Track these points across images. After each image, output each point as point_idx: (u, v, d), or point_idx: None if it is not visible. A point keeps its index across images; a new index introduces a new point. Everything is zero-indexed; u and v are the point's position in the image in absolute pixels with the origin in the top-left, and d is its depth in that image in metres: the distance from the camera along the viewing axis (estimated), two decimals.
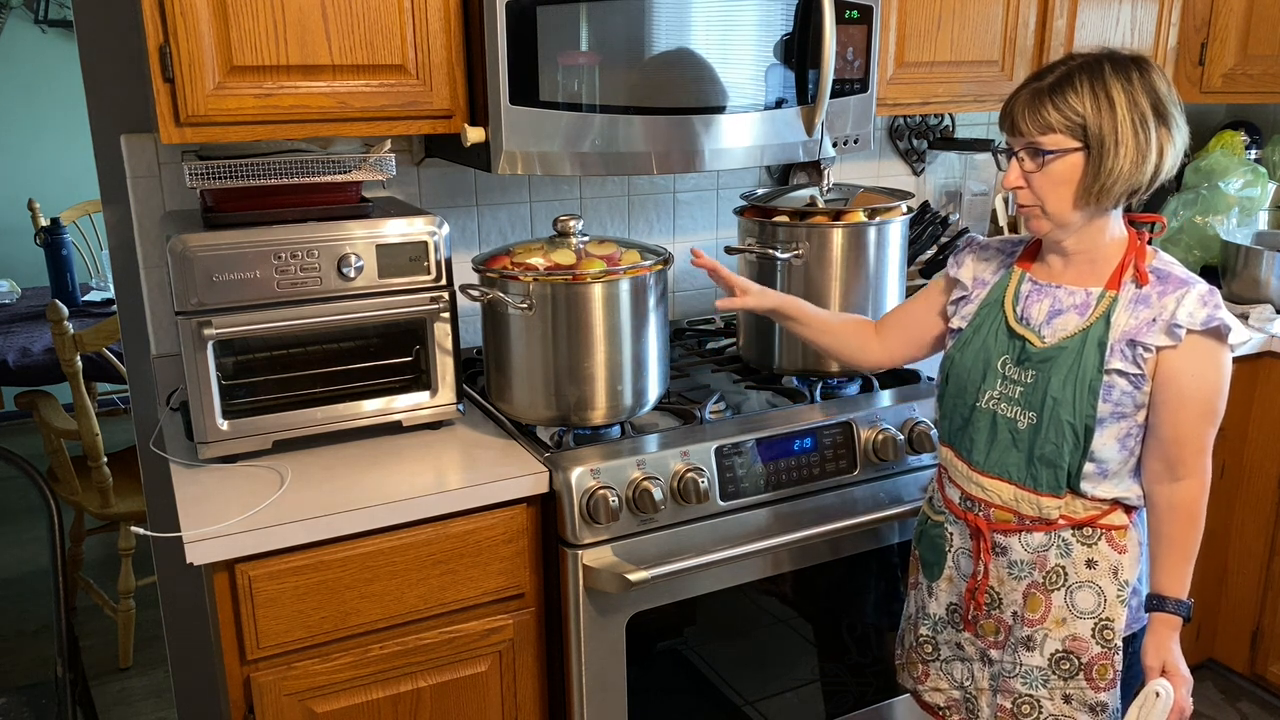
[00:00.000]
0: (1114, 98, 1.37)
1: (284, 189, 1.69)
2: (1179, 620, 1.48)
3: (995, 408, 1.53)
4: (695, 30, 1.75)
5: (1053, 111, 1.39)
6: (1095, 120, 1.37)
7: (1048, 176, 1.42)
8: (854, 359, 1.76)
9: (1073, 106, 1.38)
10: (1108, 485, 1.48)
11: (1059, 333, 1.48)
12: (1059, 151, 1.40)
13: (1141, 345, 1.42)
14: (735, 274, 1.77)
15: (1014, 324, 1.53)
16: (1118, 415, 1.45)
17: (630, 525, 1.68)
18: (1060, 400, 1.45)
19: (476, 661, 1.69)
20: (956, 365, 1.58)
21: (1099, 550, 1.50)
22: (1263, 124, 3.02)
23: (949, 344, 1.62)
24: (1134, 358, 1.43)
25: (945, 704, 1.69)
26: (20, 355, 3.26)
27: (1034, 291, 1.53)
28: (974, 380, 1.55)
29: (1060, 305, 1.50)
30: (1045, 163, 1.41)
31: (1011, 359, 1.51)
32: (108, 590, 3.09)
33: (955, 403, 1.58)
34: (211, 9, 1.52)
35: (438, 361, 1.77)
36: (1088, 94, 1.38)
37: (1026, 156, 1.43)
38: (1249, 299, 2.55)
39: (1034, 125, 1.41)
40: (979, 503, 1.56)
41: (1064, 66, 1.42)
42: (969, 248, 1.67)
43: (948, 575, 1.64)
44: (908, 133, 2.68)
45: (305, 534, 1.51)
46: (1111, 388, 1.44)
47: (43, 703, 1.94)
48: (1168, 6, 2.49)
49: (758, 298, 1.75)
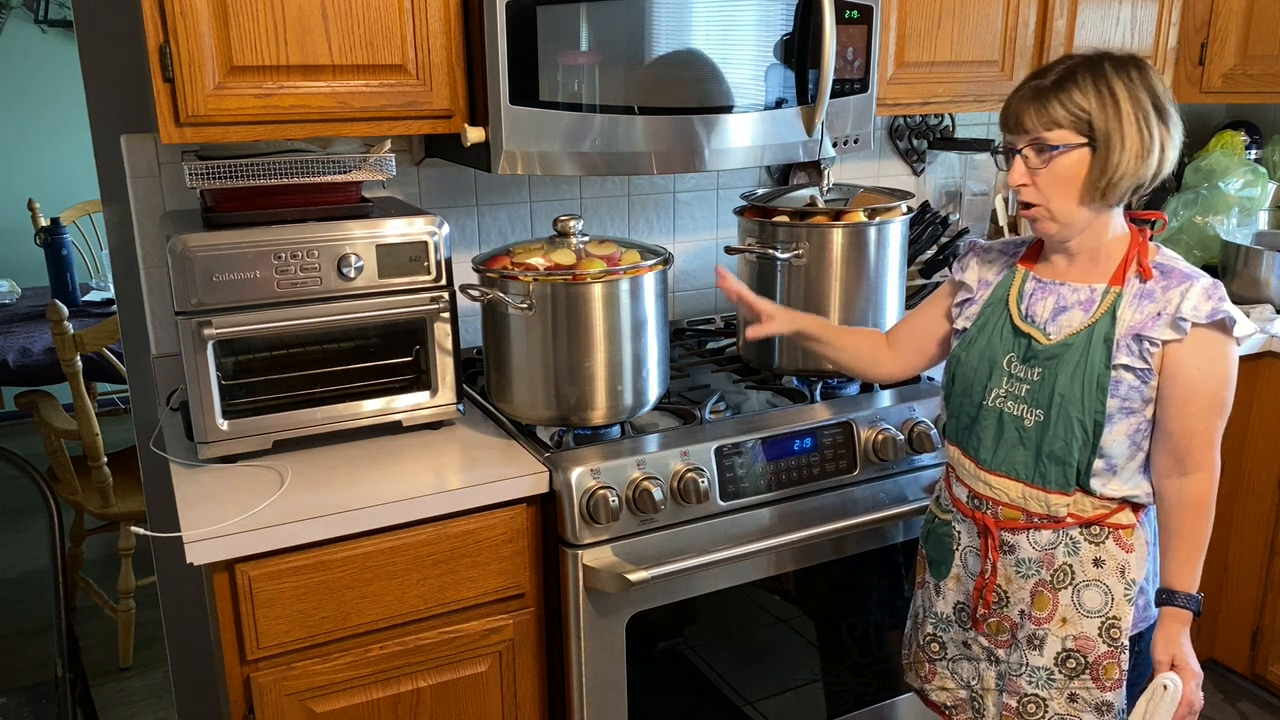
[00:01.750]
0: (1118, 94, 1.39)
1: (284, 189, 1.69)
2: (1189, 615, 1.48)
3: (1002, 406, 1.53)
4: (695, 30, 1.75)
5: (1058, 107, 1.40)
6: (1101, 116, 1.39)
7: (1053, 173, 1.42)
8: (870, 372, 1.77)
9: (1077, 103, 1.39)
10: (1117, 483, 1.49)
11: (1064, 329, 1.48)
12: (1065, 147, 1.41)
13: (1148, 339, 1.43)
14: (759, 298, 1.76)
15: (1019, 322, 1.53)
16: (1126, 410, 1.45)
17: (630, 525, 1.68)
18: (1068, 397, 1.46)
19: (476, 661, 1.69)
20: (963, 364, 1.58)
21: (1106, 549, 1.50)
22: (1263, 124, 3.02)
23: (954, 344, 1.63)
24: (1140, 352, 1.43)
25: (952, 703, 1.69)
26: (20, 355, 3.26)
27: (1038, 289, 1.54)
28: (980, 379, 1.56)
29: (1065, 302, 1.50)
30: (1051, 158, 1.42)
31: (1018, 356, 1.52)
32: (108, 590, 3.09)
33: (962, 401, 1.59)
34: (211, 9, 1.52)
35: (438, 361, 1.77)
36: (1091, 91, 1.39)
37: (1031, 153, 1.43)
38: (1249, 299, 2.55)
39: (1039, 121, 1.41)
40: (987, 501, 1.56)
41: (1064, 65, 1.43)
42: (972, 251, 1.67)
43: (955, 574, 1.64)
44: (908, 133, 2.68)
45: (305, 534, 1.51)
46: (1119, 383, 1.44)
47: (43, 703, 1.94)
48: (1168, 6, 2.49)
49: (784, 322, 1.75)
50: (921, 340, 1.73)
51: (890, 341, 1.76)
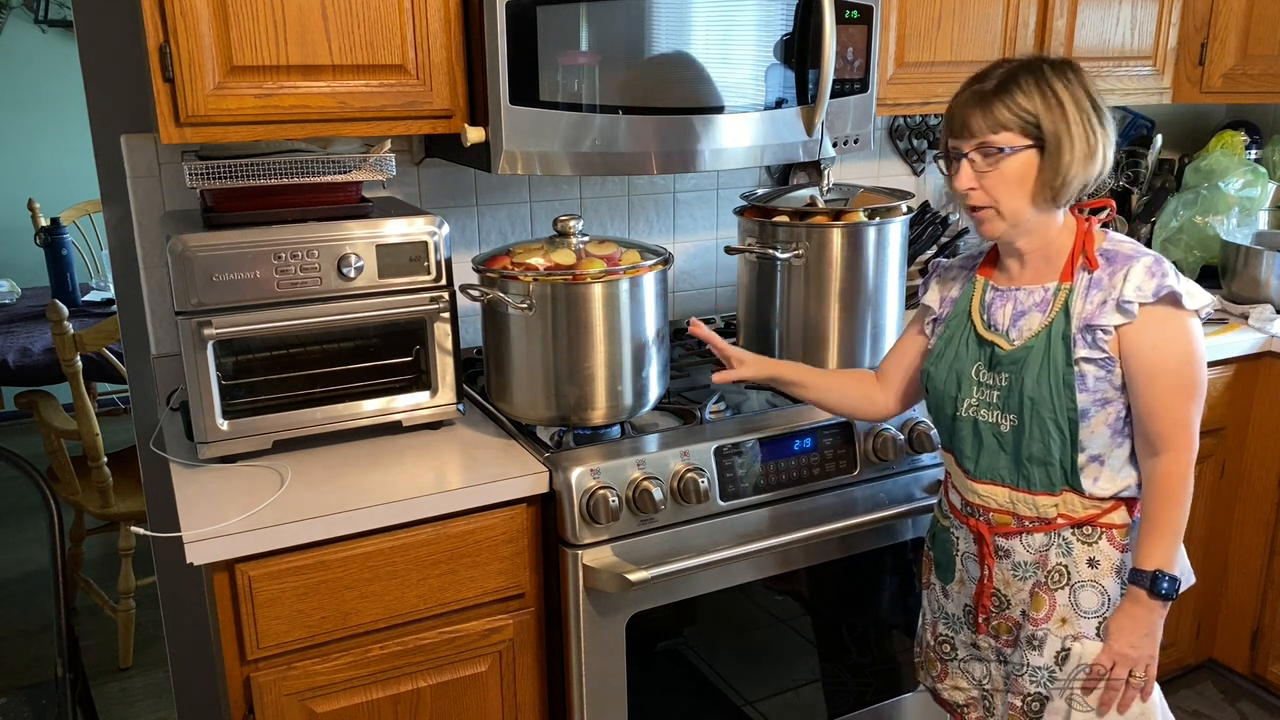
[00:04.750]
0: (1061, 96, 1.40)
1: (284, 189, 1.69)
2: (1143, 593, 1.46)
3: (975, 415, 1.54)
4: (695, 30, 1.75)
5: (1004, 110, 1.41)
6: (1049, 118, 1.40)
7: (1001, 175, 1.43)
8: (864, 413, 1.75)
9: (1023, 105, 1.40)
10: (1107, 478, 1.49)
11: (1025, 333, 1.50)
12: (1012, 149, 1.42)
13: (1099, 328, 1.43)
14: (731, 346, 1.76)
15: (982, 331, 1.55)
16: (1100, 402, 1.46)
17: (630, 525, 1.68)
18: (1038, 399, 1.46)
19: (476, 661, 1.69)
20: (933, 379, 1.60)
21: (1100, 549, 1.50)
22: (1263, 124, 3.02)
23: (924, 361, 1.63)
24: (1094, 341, 1.44)
25: (965, 702, 1.70)
26: (20, 355, 3.26)
27: (997, 297, 1.55)
28: (950, 391, 1.57)
29: (1022, 306, 1.51)
30: (997, 160, 1.42)
31: (984, 365, 1.53)
32: (108, 590, 3.08)
33: (938, 414, 1.61)
34: (211, 9, 1.52)
35: (438, 361, 1.77)
36: (1036, 93, 1.40)
37: (978, 157, 1.44)
38: (1249, 299, 2.54)
39: (986, 124, 1.42)
40: (978, 508, 1.57)
41: (1004, 69, 1.44)
42: (933, 273, 1.69)
43: (959, 578, 1.64)
44: (908, 133, 2.68)
45: (305, 534, 1.51)
46: (1084, 377, 1.45)
47: (43, 703, 1.94)
48: (1168, 6, 2.49)
49: (754, 368, 1.74)
50: (909, 370, 1.71)
51: (880, 378, 1.74)
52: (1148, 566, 1.46)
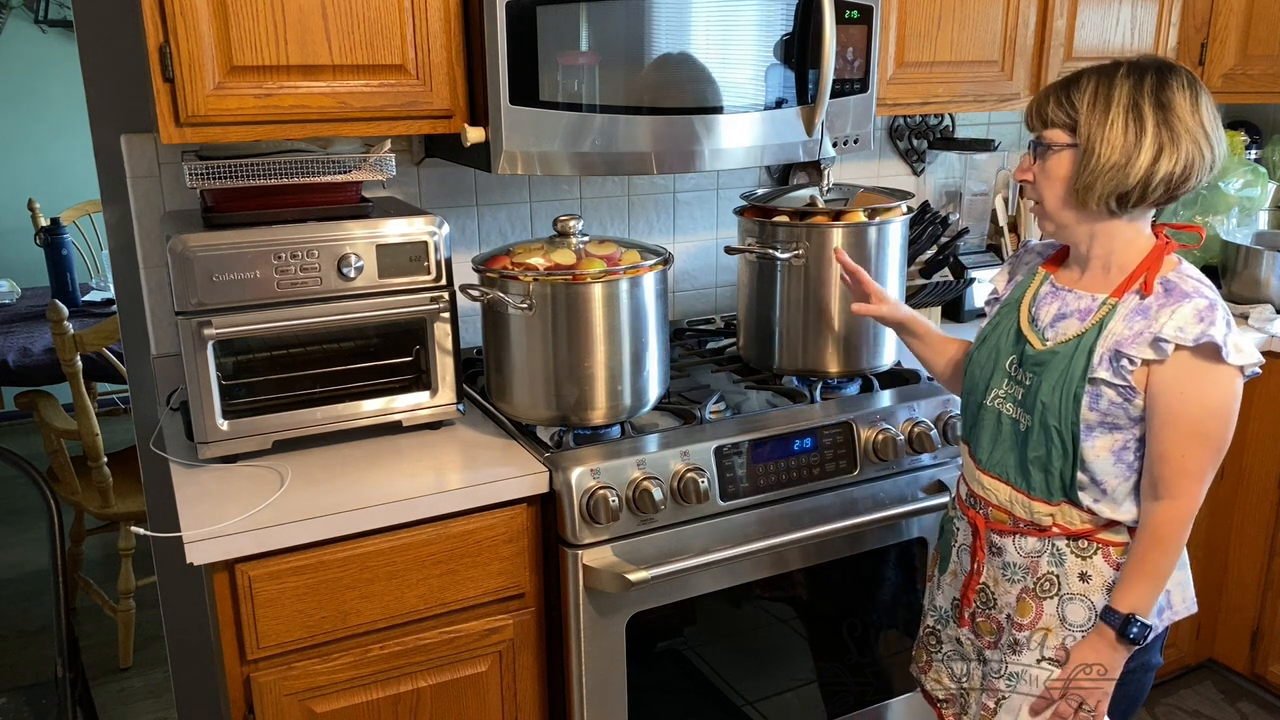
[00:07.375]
0: (1111, 98, 1.37)
1: (284, 189, 1.69)
2: (1111, 633, 1.43)
3: (1000, 407, 1.53)
4: (695, 30, 1.75)
5: (1055, 107, 1.42)
6: (1086, 118, 1.39)
7: (1045, 172, 1.45)
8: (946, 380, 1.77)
9: (1072, 103, 1.40)
10: (1107, 505, 1.46)
11: (1058, 337, 1.47)
12: (1055, 146, 1.42)
13: (1126, 357, 1.38)
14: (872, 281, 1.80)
15: (1024, 325, 1.53)
16: (1109, 426, 1.42)
17: (630, 525, 1.68)
18: (1048, 406, 1.44)
19: (476, 661, 1.69)
20: (973, 362, 1.59)
21: (1093, 565, 1.47)
22: (1263, 124, 3.02)
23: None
24: (1117, 369, 1.39)
25: (944, 698, 1.70)
26: (20, 355, 3.26)
27: (1050, 294, 1.53)
28: (984, 377, 1.56)
29: (1066, 309, 1.49)
30: (1045, 156, 1.43)
31: (1016, 360, 1.52)
32: (108, 590, 3.09)
33: (968, 399, 1.60)
34: (211, 9, 1.52)
35: (438, 361, 1.77)
36: (1089, 92, 1.39)
37: (1033, 150, 1.46)
38: (1249, 299, 2.55)
39: (1039, 119, 1.44)
40: (980, 500, 1.57)
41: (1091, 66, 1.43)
42: (1017, 254, 1.68)
43: (952, 569, 1.65)
44: (908, 133, 2.68)
45: (305, 534, 1.51)
46: (1099, 396, 1.41)
47: (43, 703, 1.94)
48: (1168, 6, 2.49)
49: (891, 309, 1.78)
50: None
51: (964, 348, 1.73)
52: (1122, 608, 1.43)
